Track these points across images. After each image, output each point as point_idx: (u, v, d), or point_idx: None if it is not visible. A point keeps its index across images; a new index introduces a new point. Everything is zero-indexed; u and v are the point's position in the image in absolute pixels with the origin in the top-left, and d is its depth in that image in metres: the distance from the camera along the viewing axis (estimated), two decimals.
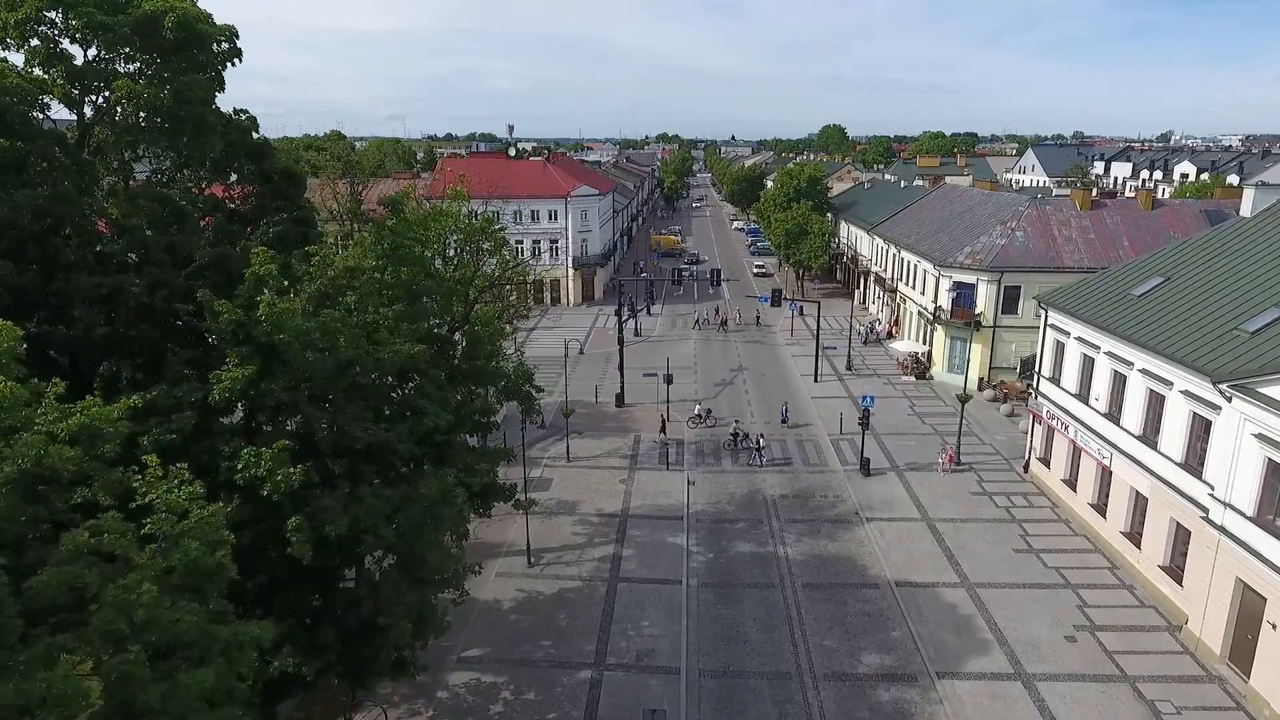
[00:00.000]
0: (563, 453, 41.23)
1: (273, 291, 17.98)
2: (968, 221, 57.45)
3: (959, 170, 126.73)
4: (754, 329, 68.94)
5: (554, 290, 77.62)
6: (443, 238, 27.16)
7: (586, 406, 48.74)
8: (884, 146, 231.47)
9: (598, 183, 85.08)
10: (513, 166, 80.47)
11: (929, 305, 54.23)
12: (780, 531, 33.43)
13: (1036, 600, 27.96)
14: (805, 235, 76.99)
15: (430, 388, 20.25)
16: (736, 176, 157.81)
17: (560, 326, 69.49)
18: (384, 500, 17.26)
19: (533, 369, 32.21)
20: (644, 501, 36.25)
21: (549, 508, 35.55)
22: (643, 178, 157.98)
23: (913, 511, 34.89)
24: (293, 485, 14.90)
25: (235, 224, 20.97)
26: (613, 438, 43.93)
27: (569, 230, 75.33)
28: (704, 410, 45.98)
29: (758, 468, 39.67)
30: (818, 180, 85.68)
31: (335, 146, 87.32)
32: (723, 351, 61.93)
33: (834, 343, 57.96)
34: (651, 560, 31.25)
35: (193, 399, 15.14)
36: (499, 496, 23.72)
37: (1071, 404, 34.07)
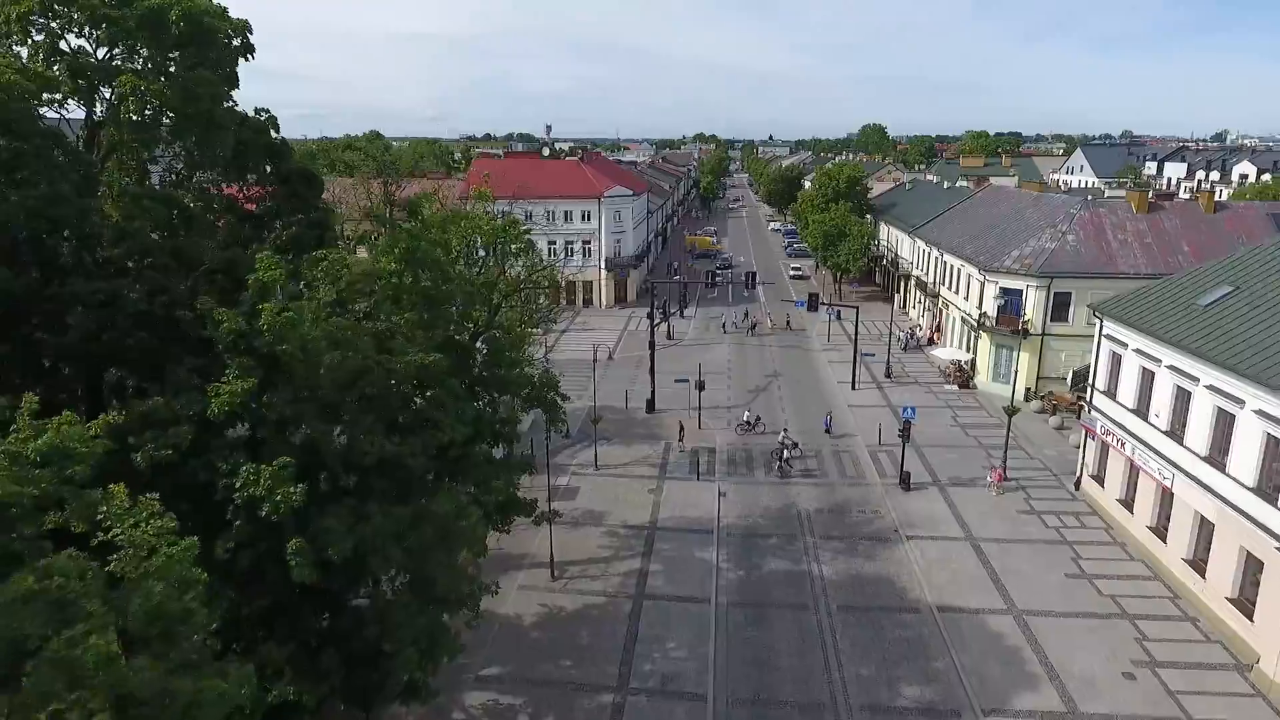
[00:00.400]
0: (591, 460, 40.20)
1: (284, 298, 17.21)
2: (1015, 224, 55.15)
3: (1004, 171, 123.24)
4: (789, 333, 67.23)
5: (586, 292, 76.72)
6: (466, 240, 26.31)
7: (616, 412, 47.63)
8: (926, 146, 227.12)
9: (632, 183, 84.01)
10: (546, 166, 79.79)
11: (973, 311, 52.12)
12: (815, 548, 31.96)
13: (1091, 631, 26.12)
14: (844, 237, 75.08)
15: (447, 399, 19.30)
16: (773, 177, 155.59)
17: (591, 329, 68.55)
18: (393, 519, 16.31)
19: (559, 375, 31.25)
20: (673, 513, 35.03)
21: (575, 518, 34.51)
22: (679, 178, 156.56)
23: (956, 530, 33.14)
24: (293, 506, 14.00)
25: (249, 226, 20.25)
26: (642, 445, 42.77)
27: (602, 231, 74.36)
28: (753, 417, 44.52)
29: (787, 478, 38.19)
30: (857, 181, 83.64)
31: (371, 147, 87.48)
32: (757, 357, 60.40)
33: (873, 349, 56.06)
34: (679, 576, 30.02)
35: (191, 412, 14.32)
36: (519, 511, 22.71)
37: (1129, 420, 32.02)
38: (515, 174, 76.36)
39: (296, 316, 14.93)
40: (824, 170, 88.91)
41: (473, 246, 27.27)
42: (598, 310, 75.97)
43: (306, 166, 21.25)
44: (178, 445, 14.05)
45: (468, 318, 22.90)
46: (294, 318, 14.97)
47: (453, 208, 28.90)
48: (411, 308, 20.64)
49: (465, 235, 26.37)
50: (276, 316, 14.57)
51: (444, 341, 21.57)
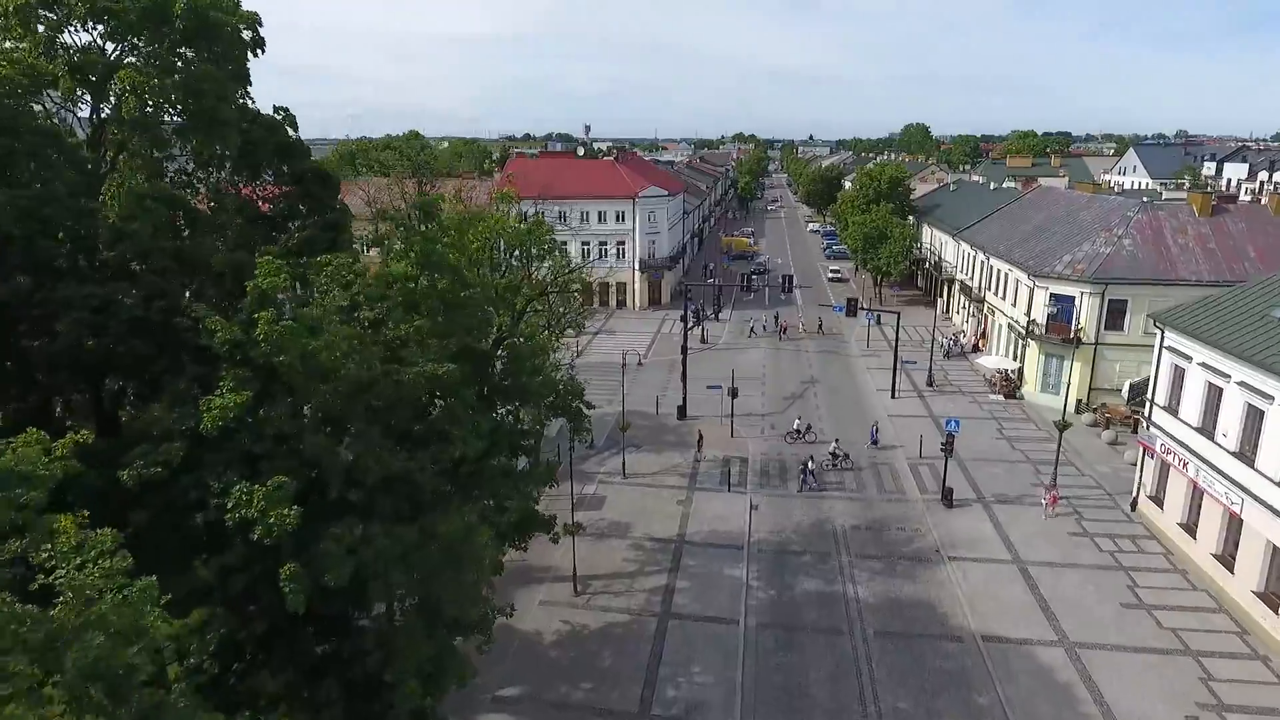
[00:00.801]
0: (619, 468, 39.07)
1: (294, 305, 16.36)
2: (1067, 227, 52.70)
3: (1053, 171, 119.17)
4: (826, 338, 65.34)
5: (619, 294, 75.68)
6: (487, 243, 25.38)
7: (646, 418, 46.47)
8: (970, 146, 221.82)
9: (667, 183, 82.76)
10: (581, 166, 78.98)
11: (1021, 318, 49.88)
12: (850, 568, 30.42)
13: (1150, 668, 24.23)
14: (884, 239, 72.94)
15: (461, 411, 18.32)
16: (813, 177, 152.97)
17: (624, 332, 67.48)
18: (397, 540, 15.35)
19: (584, 382, 30.18)
20: (702, 527, 33.75)
21: (600, 529, 33.43)
22: (716, 178, 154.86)
23: (1001, 551, 31.32)
24: (287, 529, 13.09)
25: (260, 228, 19.49)
26: (672, 453, 41.54)
27: (636, 232, 73.25)
28: (804, 425, 43.01)
29: (815, 491, 36.70)
30: (899, 181, 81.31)
31: (407, 147, 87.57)
32: (793, 362, 58.72)
33: (914, 356, 54.06)
34: (707, 595, 28.74)
35: (184, 426, 13.49)
36: (537, 528, 21.65)
37: (1192, 439, 29.90)
38: (549, 174, 75.69)
39: (296, 326, 14.05)
40: (865, 170, 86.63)
41: (495, 249, 26.33)
42: (631, 312, 74.89)
43: (321, 166, 20.44)
44: (168, 462, 13.24)
45: (487, 324, 21.84)
46: (293, 327, 14.08)
47: (478, 209, 28.01)
48: (427, 314, 19.72)
49: (488, 238, 25.44)
50: (273, 326, 13.70)
51: (461, 349, 20.62)
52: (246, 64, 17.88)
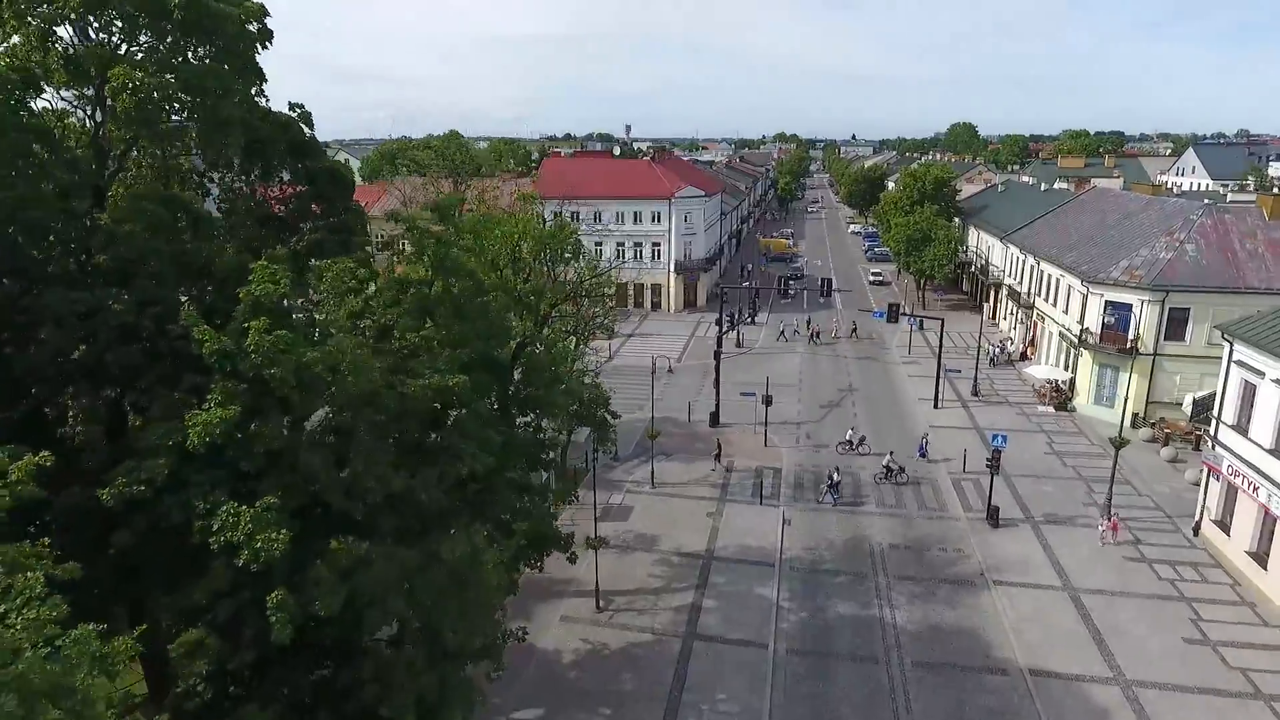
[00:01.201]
0: (647, 477, 37.90)
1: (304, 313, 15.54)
2: (1123, 231, 50.10)
3: (1107, 172, 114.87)
4: (866, 344, 63.29)
5: (654, 295, 74.50)
6: (508, 246, 24.45)
7: (678, 425, 45.24)
8: (1019, 146, 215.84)
9: (705, 183, 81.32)
10: (617, 166, 78.06)
11: (1073, 326, 47.50)
12: (888, 590, 28.83)
13: (1217, 713, 22.29)
14: (929, 242, 70.63)
15: (471, 425, 17.34)
16: (855, 177, 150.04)
17: (658, 334, 66.31)
18: (397, 564, 14.41)
19: (610, 391, 29.14)
20: (731, 541, 32.41)
21: (625, 542, 32.30)
22: (756, 178, 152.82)
23: (1051, 577, 29.42)
24: (274, 555, 12.20)
25: (273, 229, 18.75)
26: (703, 462, 40.21)
27: (672, 233, 72.01)
28: (857, 437, 41.26)
29: (836, 506, 35.22)
30: (945, 182, 78.79)
31: (444, 146, 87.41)
32: (831, 368, 56.91)
33: (958, 364, 51.87)
34: (735, 615, 27.43)
35: (170, 441, 12.69)
36: (552, 547, 20.59)
37: (1264, 461, 27.70)
38: (584, 174, 74.94)
39: (289, 336, 13.17)
40: (909, 171, 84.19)
41: (518, 252, 25.39)
42: (666, 315, 73.67)
43: (334, 166, 19.63)
44: (151, 480, 12.45)
45: (506, 331, 20.84)
46: (287, 337, 13.20)
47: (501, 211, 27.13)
48: (441, 321, 18.81)
49: (510, 240, 24.51)
50: (264, 336, 12.83)
51: (477, 358, 19.67)
52: (255, 58, 17.11)
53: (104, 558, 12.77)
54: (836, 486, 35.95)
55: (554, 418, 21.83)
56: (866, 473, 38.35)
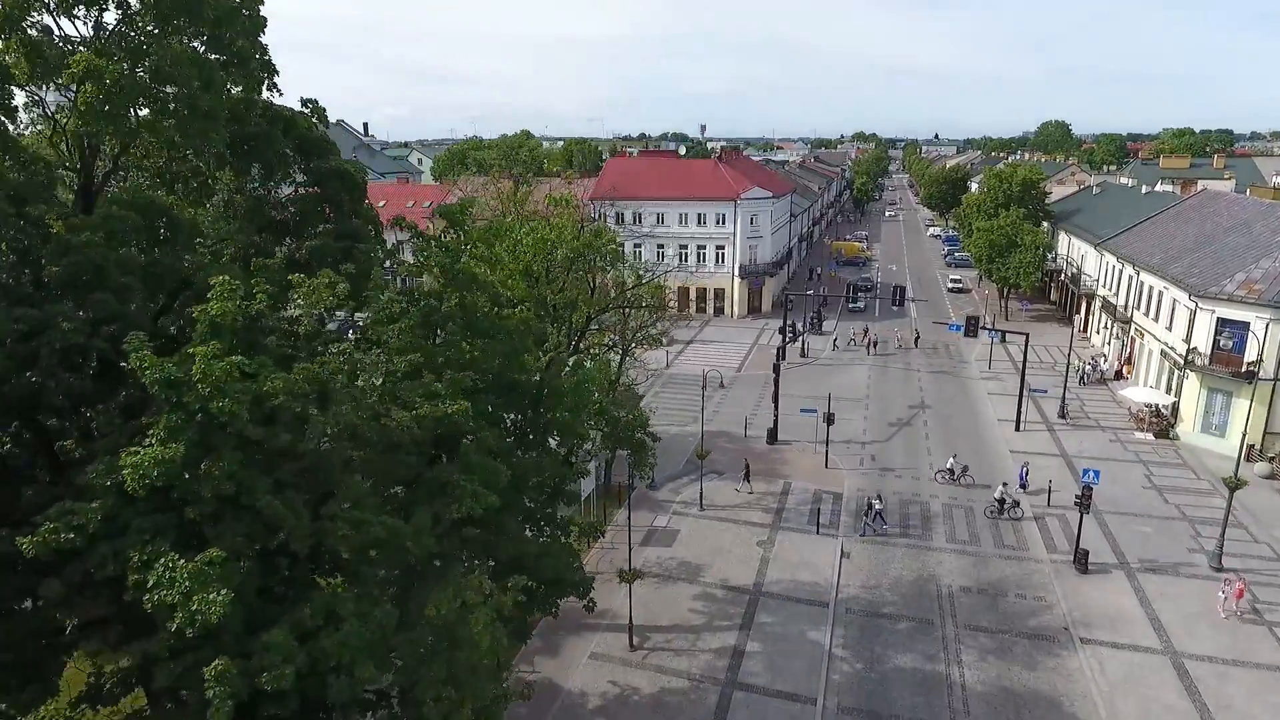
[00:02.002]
0: (696, 497, 35.51)
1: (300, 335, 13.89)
2: (1239, 239, 44.96)
3: (1216, 173, 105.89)
4: (941, 357, 59.15)
5: (717, 300, 71.88)
6: (542, 254, 22.54)
7: (733, 440, 42.70)
8: (1116, 145, 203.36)
9: (773, 184, 78.17)
10: (681, 166, 75.77)
11: (1178, 344, 42.80)
12: (957, 643, 25.73)
13: None
14: (1014, 248, 65.84)
15: (475, 457, 15.41)
16: (935, 178, 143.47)
17: (719, 341, 63.73)
18: (372, 625, 12.57)
19: (648, 412, 26.90)
20: (782, 575, 29.76)
21: (667, 569, 30.05)
22: (830, 178, 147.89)
23: (1149, 636, 25.76)
24: (210, 620, 10.48)
25: (271, 236, 17.28)
26: (758, 482, 37.55)
27: (737, 235, 69.24)
28: (959, 466, 37.39)
29: (880, 538, 32.26)
30: (1033, 183, 73.45)
31: (506, 146, 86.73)
32: (902, 382, 53.20)
33: (1044, 383, 47.57)
34: (781, 662, 24.84)
35: (108, 481, 11.13)
36: (569, 592, 18.49)
37: None
38: (648, 174, 72.96)
39: (245, 362, 11.45)
40: (994, 172, 78.82)
41: (551, 260, 23.46)
42: (728, 320, 70.94)
43: (344, 166, 18.03)
44: (82, 527, 10.89)
45: (526, 349, 18.82)
46: (243, 364, 11.49)
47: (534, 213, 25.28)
48: (450, 338, 16.98)
49: (543, 248, 22.59)
50: (213, 363, 11.13)
51: (489, 380, 17.76)
52: (250, 48, 15.59)
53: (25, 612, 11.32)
54: (878, 515, 32.94)
55: (578, 446, 19.70)
56: (959, 505, 34.94)
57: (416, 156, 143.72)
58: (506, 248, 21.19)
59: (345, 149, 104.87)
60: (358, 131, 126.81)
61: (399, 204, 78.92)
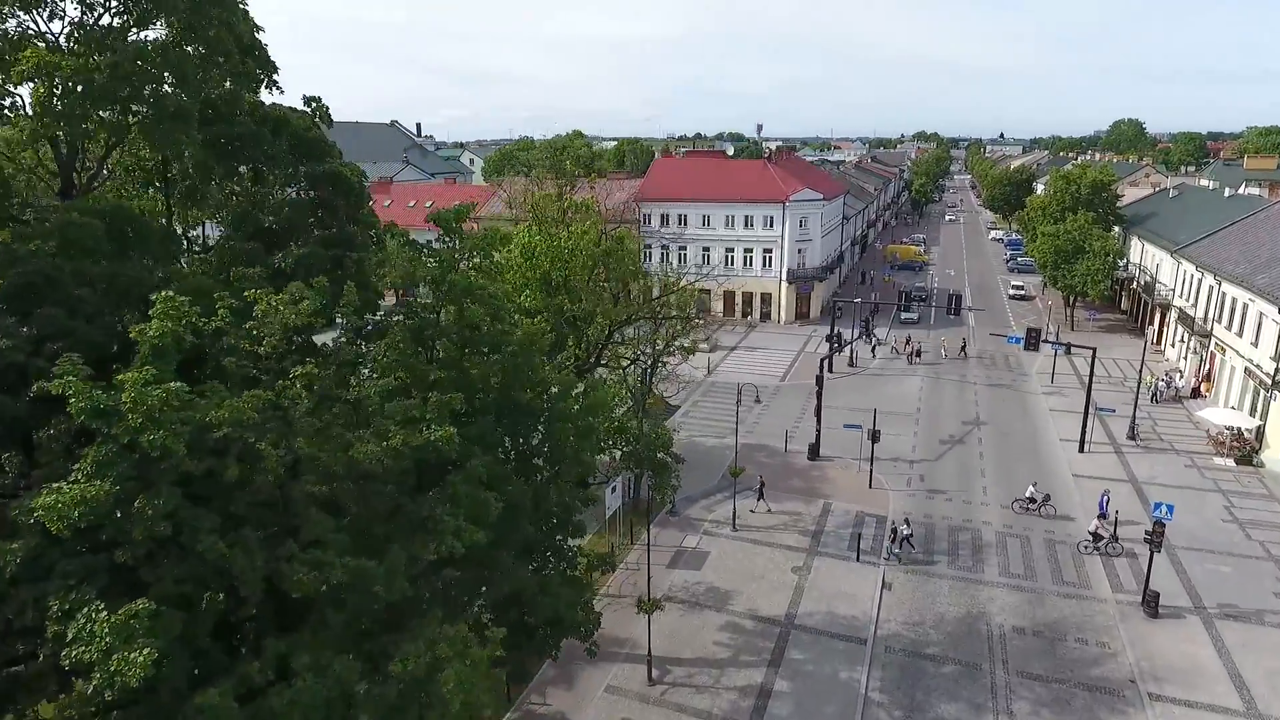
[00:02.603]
0: (729, 516, 33.69)
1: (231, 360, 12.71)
2: None
3: None
4: (1002, 370, 55.89)
5: (764, 305, 69.69)
6: (559, 263, 21.13)
7: (772, 454, 40.73)
8: (1195, 145, 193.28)
9: (824, 185, 75.54)
10: (729, 167, 73.78)
11: (1264, 362, 39.21)
12: (1008, 691, 23.42)
13: None
14: (1081, 254, 62.03)
15: (464, 488, 14.05)
16: (998, 179, 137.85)
17: (764, 348, 61.61)
18: (330, 679, 11.28)
19: (671, 432, 25.22)
20: (817, 606, 27.77)
21: (694, 595, 28.34)
22: (888, 179, 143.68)
23: (1229, 695, 23.02)
24: (130, 683, 9.27)
25: (260, 243, 16.20)
26: (796, 502, 35.57)
27: (785, 239, 66.95)
28: (1040, 495, 34.00)
29: (903, 563, 30.10)
30: (1103, 185, 69.28)
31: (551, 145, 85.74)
32: (956, 397, 50.31)
33: (1112, 401, 44.24)
34: (811, 705, 22.92)
35: (32, 519, 10.04)
36: (569, 634, 17.00)
37: None
38: (694, 175, 71.21)
39: (182, 390, 10.24)
40: (1060, 173, 74.65)
41: (570, 270, 22.04)
42: (775, 327, 68.66)
43: (339, 169, 16.87)
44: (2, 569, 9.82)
45: (536, 364, 17.39)
46: (182, 392, 10.29)
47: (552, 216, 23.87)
48: (445, 356, 15.67)
49: (559, 257, 21.19)
50: (146, 391, 9.94)
51: (488, 401, 16.41)
52: (225, 39, 14.49)
53: None
54: (905, 540, 30.67)
55: (585, 475, 18.18)
56: (1014, 534, 32.39)
57: (469, 157, 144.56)
58: (517, 254, 19.87)
59: (397, 150, 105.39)
60: (410, 132, 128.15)
61: (442, 204, 78.80)
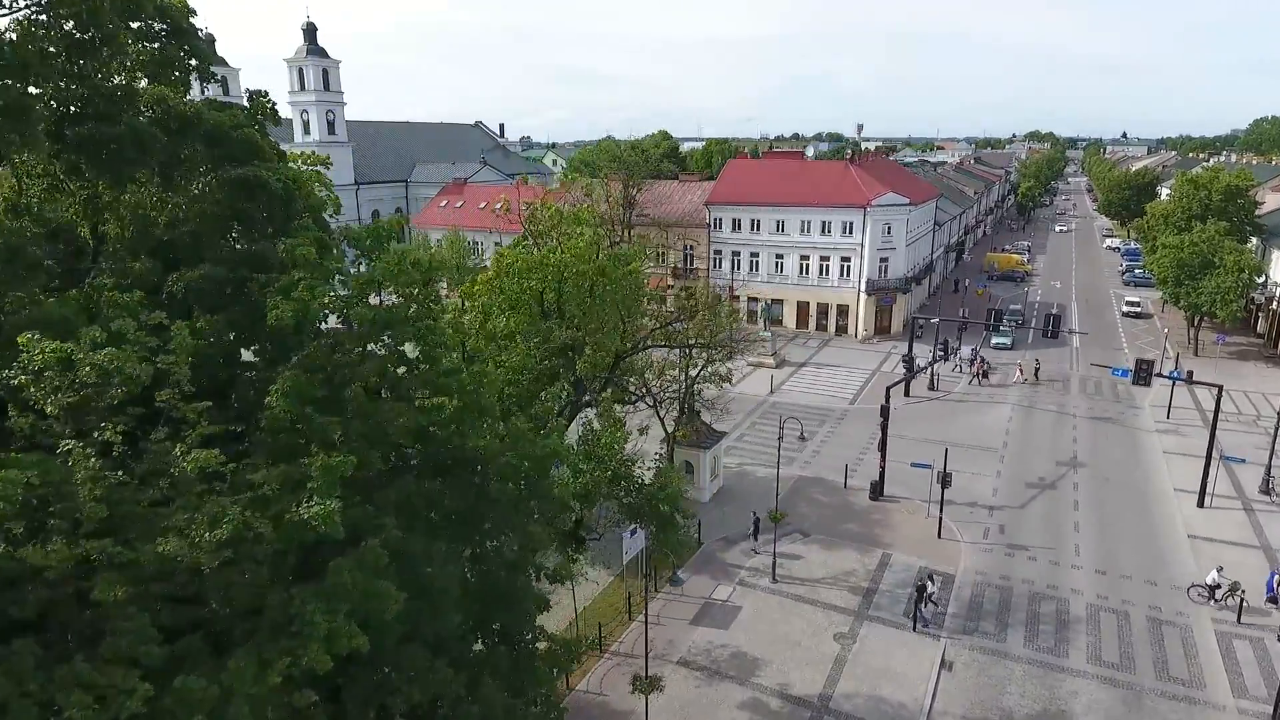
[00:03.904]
0: (769, 566, 29.75)
1: None
2: None
3: None
4: (1107, 400, 49.24)
5: (840, 317, 64.71)
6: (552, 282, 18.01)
7: (829, 491, 36.48)
8: None
9: (912, 189, 69.74)
10: (807, 169, 69.02)
11: None
12: None
13: None
14: (1210, 268, 54.37)
15: (353, 575, 11.20)
16: (1116, 182, 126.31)
17: (836, 365, 56.85)
18: None
19: (682, 487, 21.69)
20: (859, 686, 23.65)
21: (714, 662, 24.70)
22: (991, 182, 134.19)
23: None
24: None
25: (152, 260, 13.78)
26: (849, 550, 31.32)
27: (865, 246, 61.82)
28: (1225, 581, 26.94)
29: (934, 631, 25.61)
30: (1240, 191, 60.81)
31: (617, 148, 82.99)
32: (1052, 430, 44.36)
33: (1242, 443, 37.67)
34: None
35: None
36: None
37: None
38: (768, 178, 67.00)
39: None
40: (1188, 177, 66.18)
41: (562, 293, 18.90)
42: (851, 341, 63.59)
43: (262, 173, 14.24)
44: None
45: (482, 410, 14.32)
46: None
47: None
48: (352, 404, 12.82)
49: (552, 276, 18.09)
50: None
51: (427, 455, 13.48)
52: (98, 16, 12.06)
53: None
54: (928, 600, 26.14)
55: (529, 547, 14.92)
56: (1109, 608, 27.31)
57: (553, 158, 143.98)
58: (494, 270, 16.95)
59: (478, 151, 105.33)
60: (494, 133, 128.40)
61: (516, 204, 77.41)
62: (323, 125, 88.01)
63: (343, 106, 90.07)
